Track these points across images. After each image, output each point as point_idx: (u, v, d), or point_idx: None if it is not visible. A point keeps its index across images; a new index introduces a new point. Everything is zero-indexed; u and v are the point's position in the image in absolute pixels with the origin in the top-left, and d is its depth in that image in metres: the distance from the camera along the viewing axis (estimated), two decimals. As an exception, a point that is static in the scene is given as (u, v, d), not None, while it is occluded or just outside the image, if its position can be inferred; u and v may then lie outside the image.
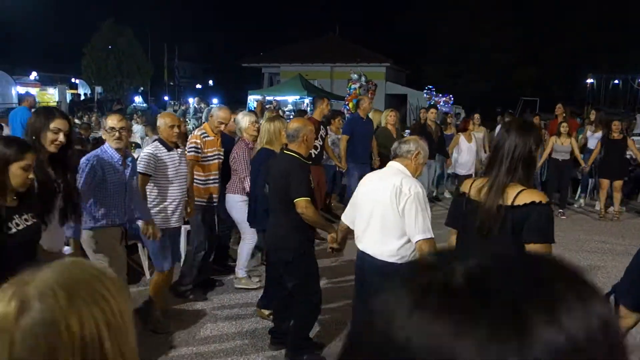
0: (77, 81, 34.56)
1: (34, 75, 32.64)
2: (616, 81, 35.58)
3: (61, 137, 3.28)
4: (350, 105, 14.94)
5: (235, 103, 32.50)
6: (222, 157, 5.65)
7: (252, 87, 28.72)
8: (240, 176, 5.54)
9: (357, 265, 3.70)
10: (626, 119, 15.96)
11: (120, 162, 4.04)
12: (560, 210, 9.41)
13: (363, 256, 3.57)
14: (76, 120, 16.25)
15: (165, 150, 4.67)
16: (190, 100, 33.70)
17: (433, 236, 3.34)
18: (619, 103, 32.59)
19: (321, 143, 7.72)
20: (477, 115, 11.04)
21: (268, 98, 23.74)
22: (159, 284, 4.77)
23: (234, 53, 45.46)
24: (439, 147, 9.78)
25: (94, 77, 36.67)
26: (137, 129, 13.70)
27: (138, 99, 36.20)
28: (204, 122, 9.33)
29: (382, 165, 8.56)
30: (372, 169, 8.29)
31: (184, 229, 5.84)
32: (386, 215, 3.41)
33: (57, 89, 28.06)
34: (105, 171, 3.90)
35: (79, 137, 8.46)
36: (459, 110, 27.33)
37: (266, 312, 4.91)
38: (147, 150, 4.68)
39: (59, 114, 3.38)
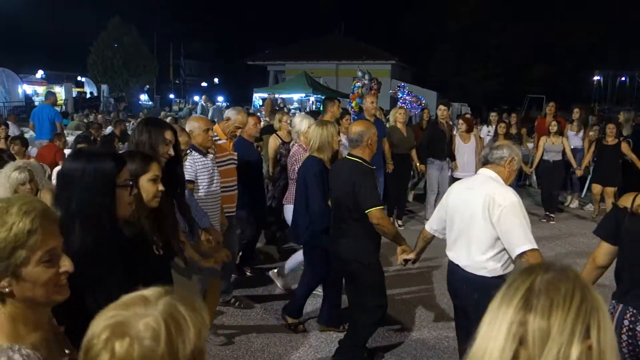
0: (83, 79, 34.62)
1: (40, 73, 32.75)
2: (623, 78, 35.43)
3: (171, 149, 3.04)
4: (354, 103, 14.88)
5: (241, 101, 32.56)
6: (236, 163, 5.21)
7: (257, 85, 28.72)
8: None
9: (448, 273, 3.53)
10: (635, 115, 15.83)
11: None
12: (552, 215, 9.01)
13: (453, 266, 3.41)
14: (84, 120, 16.31)
15: (200, 156, 4.39)
16: (196, 98, 33.81)
17: (537, 246, 3.09)
18: (625, 100, 32.44)
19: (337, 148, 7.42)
20: (468, 115, 10.61)
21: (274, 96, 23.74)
22: (213, 298, 4.43)
23: (240, 51, 45.55)
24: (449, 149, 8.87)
25: (100, 75, 36.80)
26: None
27: (144, 97, 36.34)
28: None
29: (397, 167, 8.19)
30: (386, 175, 7.92)
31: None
32: (476, 226, 3.21)
33: (63, 87, 28.15)
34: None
35: (87, 137, 8.44)
36: (465, 107, 27.28)
37: (333, 329, 4.69)
38: (188, 159, 4.33)
39: (167, 125, 3.16)
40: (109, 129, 11.98)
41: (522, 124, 11.24)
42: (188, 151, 4.24)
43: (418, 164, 8.71)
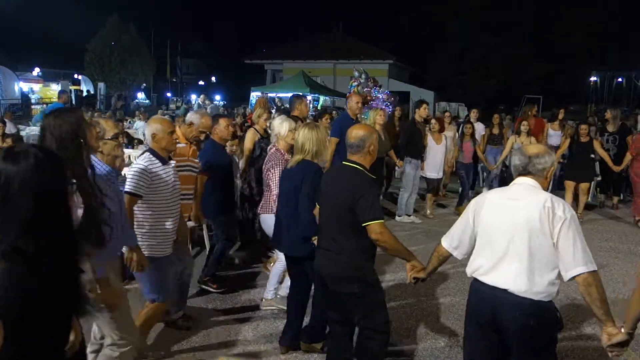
0: (80, 77, 34.53)
1: (37, 71, 32.66)
2: (620, 79, 35.49)
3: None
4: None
5: (238, 100, 32.56)
6: (196, 170, 4.85)
7: (254, 84, 28.68)
8: (273, 194, 4.72)
9: (478, 303, 2.98)
10: (630, 116, 15.92)
11: (113, 180, 3.31)
12: None
13: (494, 292, 2.85)
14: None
15: (160, 164, 3.88)
16: (193, 97, 33.75)
17: (596, 268, 2.73)
18: (622, 101, 32.50)
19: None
20: (447, 113, 10.83)
21: (270, 95, 23.71)
22: (150, 317, 3.96)
23: (237, 50, 45.47)
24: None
25: (97, 73, 36.72)
26: (140, 125, 13.74)
27: (141, 95, 36.27)
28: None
29: (374, 171, 8.34)
30: None
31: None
32: (536, 243, 2.75)
33: (60, 85, 28.06)
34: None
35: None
36: (462, 107, 27.30)
37: (318, 345, 4.34)
38: (138, 166, 3.80)
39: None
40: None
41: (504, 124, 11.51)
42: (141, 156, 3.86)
43: (397, 162, 8.68)
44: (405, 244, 3.53)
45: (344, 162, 3.61)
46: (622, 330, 2.62)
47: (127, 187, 3.71)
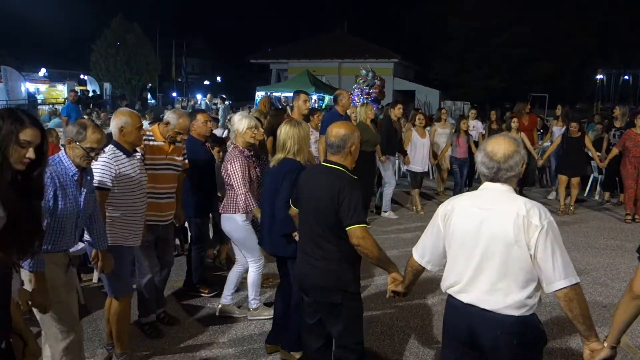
0: (86, 77, 34.64)
1: (43, 71, 32.76)
2: (626, 77, 35.34)
3: (30, 152, 2.34)
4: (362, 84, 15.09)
5: (243, 99, 32.57)
6: (178, 169, 4.70)
7: (260, 84, 28.73)
8: (239, 192, 4.56)
9: (455, 321, 2.75)
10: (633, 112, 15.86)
11: (76, 177, 3.28)
12: None
13: (471, 310, 2.62)
14: (85, 117, 16.31)
15: (125, 157, 3.88)
16: (199, 96, 33.79)
17: (579, 280, 2.48)
18: (628, 99, 32.36)
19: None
20: (444, 110, 10.93)
21: (275, 94, 23.76)
22: (119, 315, 3.96)
23: (242, 49, 45.50)
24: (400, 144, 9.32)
25: (103, 73, 36.83)
26: (145, 125, 13.76)
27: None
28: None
29: (365, 165, 7.84)
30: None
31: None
32: (512, 256, 2.50)
33: (66, 86, 28.17)
34: (58, 188, 3.16)
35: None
36: (468, 106, 27.26)
37: (297, 355, 4.13)
38: (102, 159, 3.75)
39: (29, 121, 2.38)
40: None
41: (502, 120, 11.68)
42: (103, 150, 3.68)
43: (382, 158, 8.79)
44: (399, 243, 3.40)
45: (323, 163, 3.43)
46: (605, 344, 2.46)
47: (95, 182, 3.62)
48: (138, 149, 4.09)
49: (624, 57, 36.14)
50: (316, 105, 21.00)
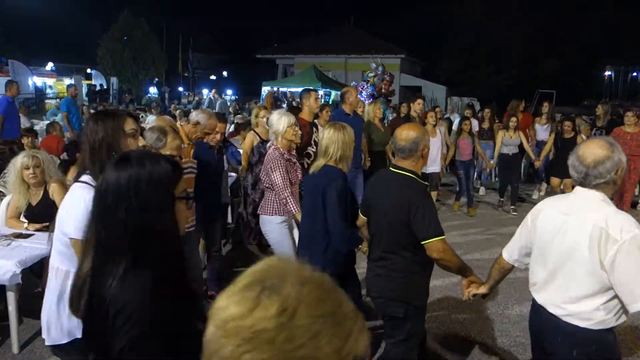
0: (92, 72, 34.76)
1: (50, 65, 32.88)
2: (635, 74, 35.13)
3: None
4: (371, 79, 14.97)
5: (250, 94, 32.59)
6: (196, 171, 4.51)
7: (266, 79, 28.69)
8: (281, 197, 4.38)
9: (532, 320, 2.75)
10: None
11: None
12: (512, 207, 9.29)
13: (542, 312, 2.59)
14: (91, 111, 16.37)
15: None
16: (205, 91, 33.82)
17: None
18: (637, 96, 32.17)
19: (314, 149, 6.25)
20: (437, 109, 10.65)
21: (282, 89, 23.73)
22: None
23: (249, 44, 45.50)
24: None
25: (109, 68, 36.94)
26: (152, 119, 13.81)
27: (153, 90, 36.43)
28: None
29: (376, 165, 7.60)
30: (364, 173, 7.38)
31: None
32: (580, 266, 2.37)
33: (73, 80, 28.27)
34: None
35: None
36: (475, 102, 27.13)
37: None
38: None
39: (124, 113, 2.57)
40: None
41: (495, 118, 11.50)
42: None
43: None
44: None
45: (392, 169, 3.19)
46: None
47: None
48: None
49: (632, 53, 35.89)
50: (322, 100, 20.97)
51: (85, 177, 2.51)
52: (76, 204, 2.39)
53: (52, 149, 7.48)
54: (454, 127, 11.45)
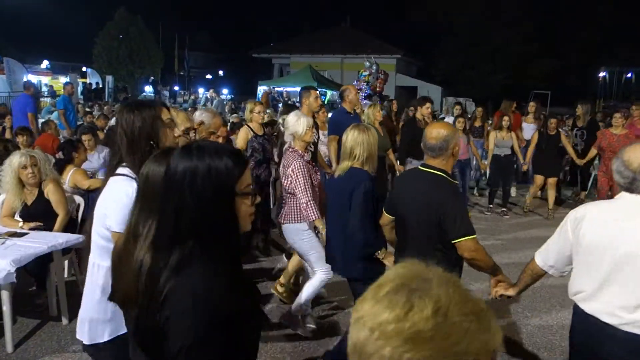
0: (88, 70, 34.64)
1: (45, 63, 32.75)
2: (629, 74, 35.25)
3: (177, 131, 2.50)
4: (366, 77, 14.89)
5: (246, 94, 32.55)
6: None
7: (262, 78, 28.69)
8: (301, 201, 4.20)
9: (577, 329, 2.65)
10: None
11: None
12: (503, 209, 9.25)
13: (592, 321, 2.49)
14: (87, 109, 16.34)
15: None
16: (201, 90, 33.76)
17: None
18: (631, 97, 32.28)
19: (312, 149, 6.05)
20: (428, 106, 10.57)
21: (278, 89, 23.73)
22: None
23: (245, 43, 45.46)
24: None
25: (105, 66, 36.84)
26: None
27: (148, 89, 36.35)
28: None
29: (376, 171, 7.94)
30: None
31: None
32: None
33: (68, 78, 28.20)
34: None
35: (92, 127, 8.47)
36: (470, 103, 27.18)
37: None
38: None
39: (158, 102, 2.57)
40: (113, 120, 12.05)
41: (487, 117, 11.52)
42: None
43: (397, 166, 8.15)
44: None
45: (421, 168, 3.16)
46: None
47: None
48: None
49: (628, 54, 36.00)
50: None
51: (123, 170, 2.42)
52: (118, 196, 2.30)
53: (47, 147, 7.45)
54: None
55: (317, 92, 6.35)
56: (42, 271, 4.68)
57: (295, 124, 4.35)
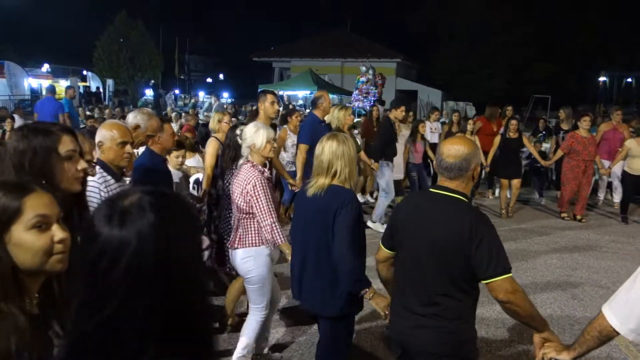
0: (88, 73, 34.72)
1: (46, 67, 32.83)
2: (629, 79, 35.34)
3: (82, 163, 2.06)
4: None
5: (246, 97, 32.59)
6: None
7: (262, 82, 28.74)
8: (264, 223, 3.59)
9: None
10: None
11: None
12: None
13: None
14: (87, 112, 16.35)
15: (113, 181, 2.97)
16: (201, 94, 33.79)
17: None
18: (631, 102, 32.34)
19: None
20: (410, 112, 10.51)
21: (279, 93, 23.76)
22: None
23: (245, 47, 45.57)
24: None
25: (106, 69, 36.90)
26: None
27: (149, 92, 36.46)
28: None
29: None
30: None
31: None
32: None
33: (69, 81, 28.27)
34: None
35: (91, 131, 8.46)
36: (470, 107, 27.24)
37: None
38: (92, 183, 2.79)
39: (60, 129, 2.05)
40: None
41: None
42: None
43: (372, 164, 7.85)
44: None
45: (437, 191, 2.60)
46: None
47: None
48: (126, 171, 3.24)
49: (627, 59, 36.09)
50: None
51: None
52: None
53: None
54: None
55: (275, 97, 5.58)
56: None
57: (254, 135, 3.74)
